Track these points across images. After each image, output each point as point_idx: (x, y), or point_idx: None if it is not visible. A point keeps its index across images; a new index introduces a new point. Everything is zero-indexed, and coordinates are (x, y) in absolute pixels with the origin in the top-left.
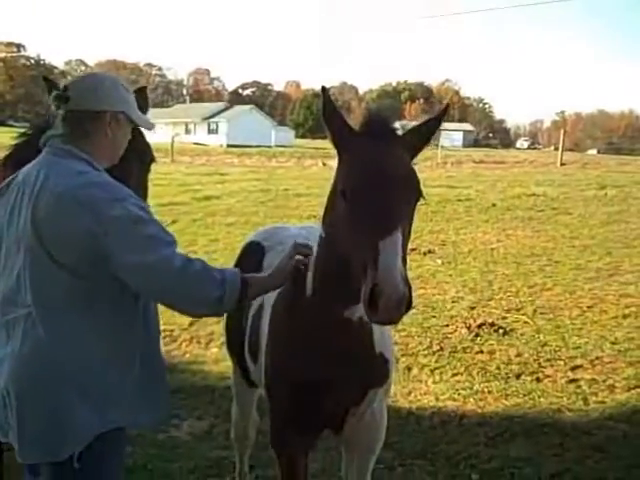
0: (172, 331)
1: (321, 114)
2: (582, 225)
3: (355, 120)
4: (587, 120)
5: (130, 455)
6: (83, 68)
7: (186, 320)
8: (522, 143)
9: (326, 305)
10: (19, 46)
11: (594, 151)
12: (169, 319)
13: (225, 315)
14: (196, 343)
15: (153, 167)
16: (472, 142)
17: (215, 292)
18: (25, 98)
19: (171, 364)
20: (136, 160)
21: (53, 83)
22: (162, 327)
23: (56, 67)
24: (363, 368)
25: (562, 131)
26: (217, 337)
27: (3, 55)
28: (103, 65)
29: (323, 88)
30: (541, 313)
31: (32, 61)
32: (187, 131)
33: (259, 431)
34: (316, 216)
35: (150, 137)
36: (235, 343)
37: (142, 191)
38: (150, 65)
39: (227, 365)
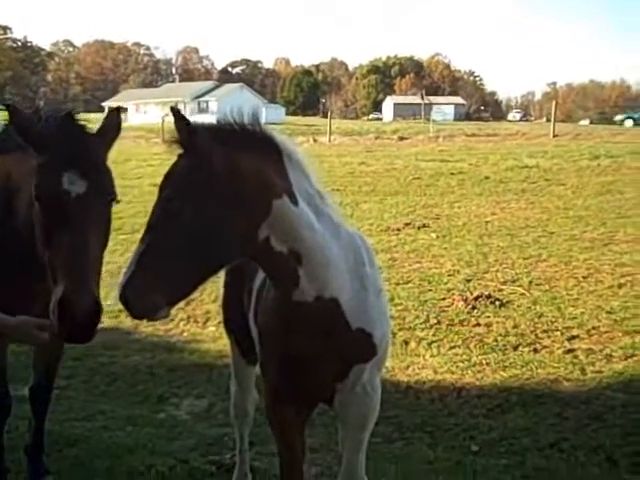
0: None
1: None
2: (576, 196)
3: (346, 96)
4: (579, 91)
5: (130, 434)
6: (70, 49)
7: None
8: (514, 115)
9: (276, 291)
10: (5, 28)
11: (586, 122)
12: None
13: (223, 293)
14: (193, 322)
15: (146, 147)
16: (464, 115)
17: None
18: (13, 81)
19: (169, 343)
20: None
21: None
22: None
23: (43, 49)
24: (339, 344)
25: (554, 102)
26: (214, 316)
27: None
28: (91, 45)
29: (172, 108)
30: (537, 284)
31: (19, 43)
32: None
33: (258, 408)
34: None
35: (141, 117)
36: (234, 320)
37: None
38: (138, 45)
39: (225, 343)
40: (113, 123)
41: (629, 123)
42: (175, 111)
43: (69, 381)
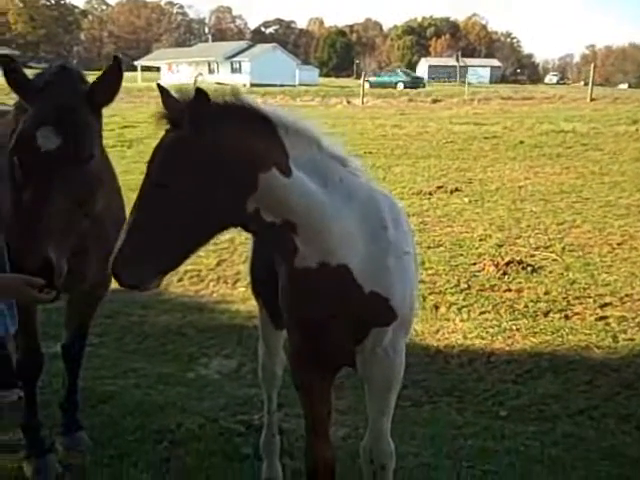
0: (200, 271)
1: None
2: (612, 161)
3: (380, 57)
4: (618, 54)
5: (161, 392)
6: (104, 7)
7: (213, 260)
8: (551, 78)
9: (279, 258)
10: None
11: (625, 85)
12: (196, 260)
13: (250, 256)
14: (223, 283)
15: None
16: (499, 78)
17: None
18: (46, 39)
19: (199, 304)
20: None
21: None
22: (189, 267)
23: (77, 7)
24: (353, 308)
25: (592, 65)
26: (244, 277)
27: None
28: (124, 4)
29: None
30: (570, 251)
31: (52, 1)
32: (210, 71)
33: (286, 370)
34: None
35: (173, 77)
36: (260, 283)
37: None
38: (171, 3)
39: (254, 304)
40: (111, 76)
41: None
42: (161, 88)
43: (101, 339)
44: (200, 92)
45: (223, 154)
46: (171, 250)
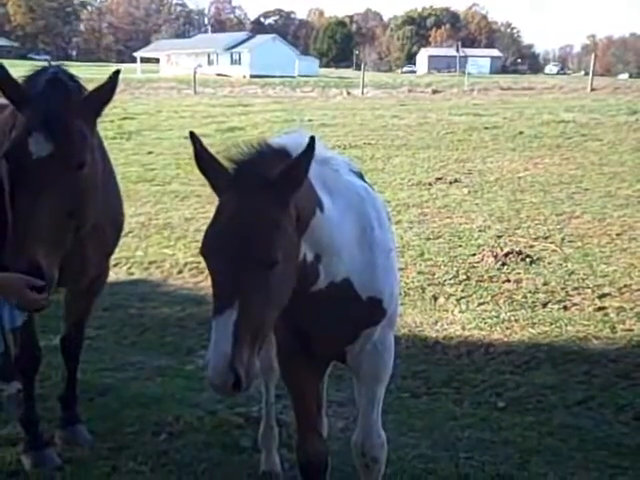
0: (199, 263)
1: (195, 164)
2: (612, 152)
3: (379, 48)
4: (619, 44)
5: (159, 385)
6: None
7: None
8: (551, 68)
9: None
10: None
11: (625, 75)
12: (195, 251)
13: None
14: None
15: (177, 99)
16: (500, 68)
17: None
18: (46, 30)
19: (198, 296)
20: None
21: None
22: (189, 259)
23: None
24: (349, 314)
25: (592, 55)
26: None
27: None
28: None
29: (191, 134)
30: (569, 241)
31: None
32: (209, 62)
33: None
34: (341, 146)
35: (172, 69)
36: None
37: None
38: None
39: None
40: (106, 88)
41: None
42: (195, 139)
43: (99, 331)
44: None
45: (297, 210)
46: (267, 332)
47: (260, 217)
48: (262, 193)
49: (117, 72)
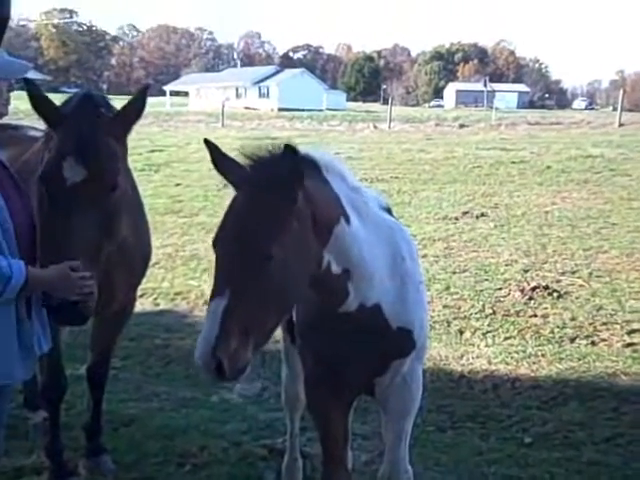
0: None
1: (213, 166)
2: None
3: (407, 82)
4: None
5: (184, 416)
6: (135, 33)
7: None
8: (579, 104)
9: (323, 304)
10: (72, 12)
11: None
12: None
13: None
14: None
15: (205, 132)
16: (527, 103)
17: None
18: (78, 64)
19: None
20: None
21: None
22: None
23: (108, 33)
24: (379, 343)
25: (621, 91)
26: None
27: (56, 22)
28: (154, 30)
29: (205, 140)
30: (597, 276)
31: (84, 27)
32: (238, 95)
33: None
34: (368, 179)
35: (201, 102)
36: None
37: None
38: (201, 29)
39: (278, 329)
40: (136, 105)
41: None
42: (210, 145)
43: (125, 362)
44: (289, 150)
45: (313, 213)
46: (266, 327)
47: (262, 210)
48: (269, 188)
49: (146, 87)
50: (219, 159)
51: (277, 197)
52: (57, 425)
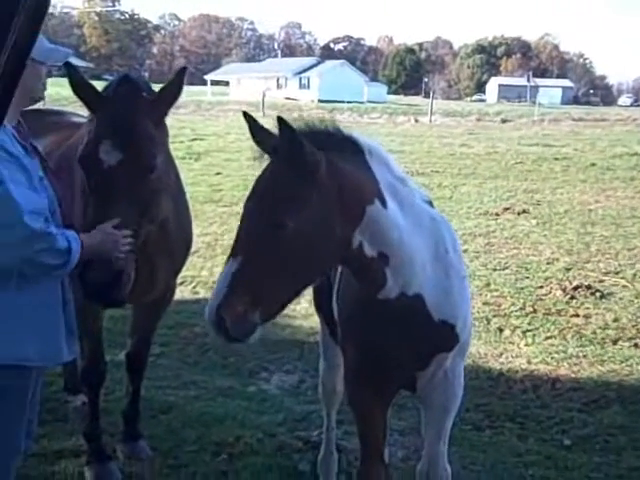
0: None
1: (251, 137)
2: None
3: (449, 76)
4: None
5: (221, 405)
6: (176, 22)
7: None
8: (625, 100)
9: (361, 290)
10: (114, 0)
11: None
12: None
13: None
14: None
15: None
16: (571, 99)
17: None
18: (120, 52)
19: None
20: None
21: None
22: None
23: (150, 21)
24: (421, 336)
25: None
26: (307, 292)
27: (99, 10)
28: (196, 19)
29: (244, 113)
30: None
31: (126, 15)
32: (278, 86)
33: None
34: (408, 173)
35: (241, 92)
36: (322, 301)
37: None
38: (242, 19)
39: (316, 320)
40: (173, 87)
41: None
42: (248, 117)
43: (163, 349)
44: (280, 121)
45: (337, 186)
46: (279, 295)
47: (279, 179)
48: (291, 158)
49: (183, 69)
50: (256, 129)
51: (295, 167)
52: (96, 410)
